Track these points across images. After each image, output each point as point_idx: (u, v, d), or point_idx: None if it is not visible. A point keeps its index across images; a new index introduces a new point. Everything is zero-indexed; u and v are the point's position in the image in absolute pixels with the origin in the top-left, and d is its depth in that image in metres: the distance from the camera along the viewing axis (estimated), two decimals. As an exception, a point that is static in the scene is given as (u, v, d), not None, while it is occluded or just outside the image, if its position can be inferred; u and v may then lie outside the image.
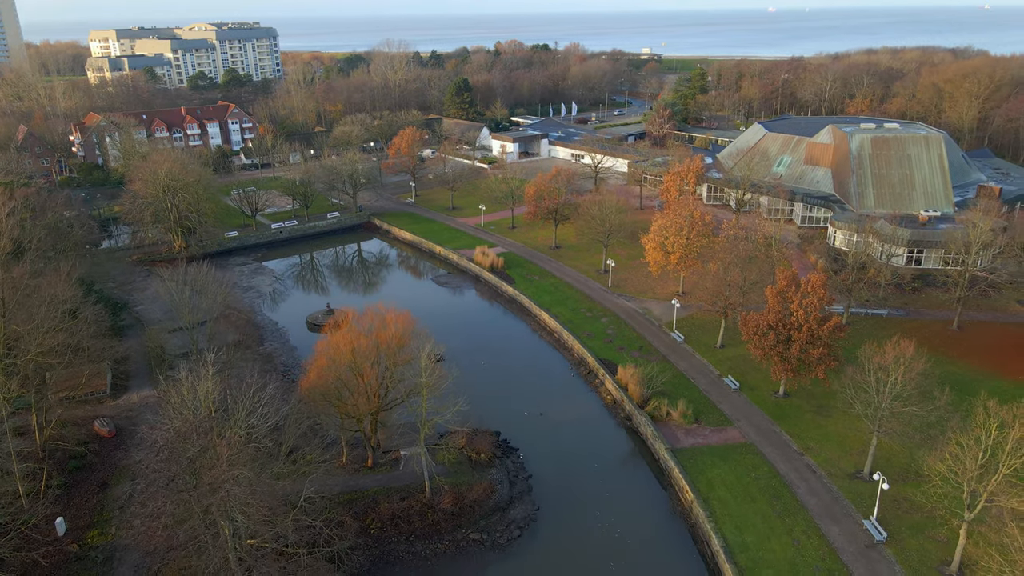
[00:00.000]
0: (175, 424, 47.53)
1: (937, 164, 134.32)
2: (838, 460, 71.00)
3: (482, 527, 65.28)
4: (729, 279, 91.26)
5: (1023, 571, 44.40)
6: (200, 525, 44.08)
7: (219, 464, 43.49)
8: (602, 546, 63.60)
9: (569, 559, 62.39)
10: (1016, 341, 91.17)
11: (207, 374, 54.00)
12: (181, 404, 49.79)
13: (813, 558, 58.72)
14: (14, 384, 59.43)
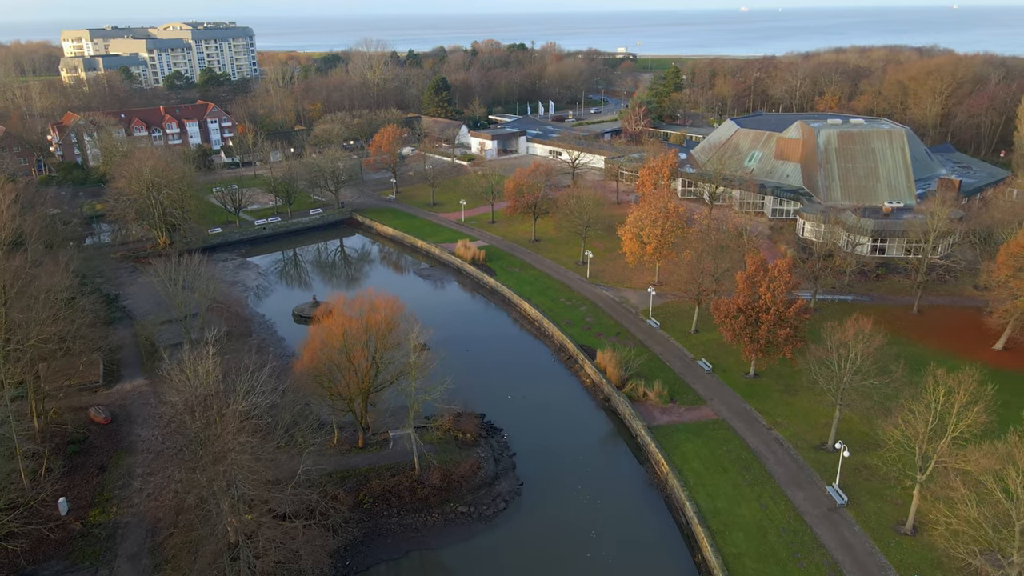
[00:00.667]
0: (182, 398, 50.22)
1: (900, 158, 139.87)
2: (804, 433, 75.32)
3: (469, 501, 68.66)
4: (702, 267, 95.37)
5: (964, 519, 48.67)
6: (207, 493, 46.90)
7: (225, 434, 46.41)
8: (583, 516, 67.27)
9: (552, 529, 65.94)
10: (971, 323, 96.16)
11: (208, 354, 56.83)
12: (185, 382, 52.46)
13: (779, 521, 62.85)
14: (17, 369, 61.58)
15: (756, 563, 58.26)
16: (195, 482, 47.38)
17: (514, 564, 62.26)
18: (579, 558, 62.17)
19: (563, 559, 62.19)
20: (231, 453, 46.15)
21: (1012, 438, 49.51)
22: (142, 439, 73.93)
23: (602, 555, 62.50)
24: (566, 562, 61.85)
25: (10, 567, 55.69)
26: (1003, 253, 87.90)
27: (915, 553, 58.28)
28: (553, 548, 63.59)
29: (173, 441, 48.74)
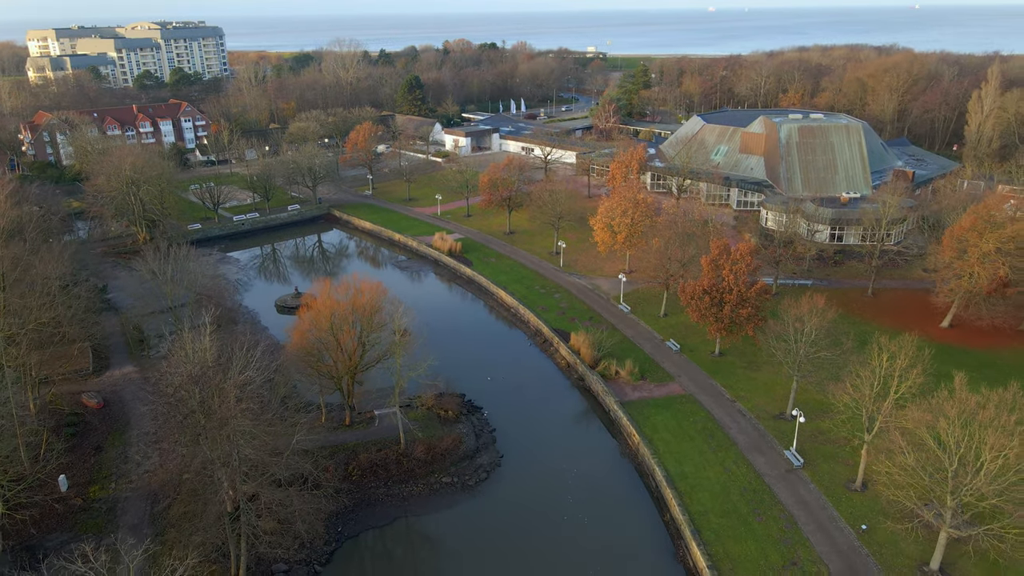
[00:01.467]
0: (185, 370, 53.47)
1: (857, 151, 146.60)
2: (765, 405, 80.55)
3: (452, 472, 72.70)
4: (670, 254, 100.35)
5: (903, 467, 53.85)
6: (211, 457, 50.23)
7: (227, 401, 49.83)
8: (560, 484, 71.65)
9: (531, 496, 70.24)
10: (920, 303, 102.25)
11: (205, 332, 60.08)
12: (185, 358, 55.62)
13: (741, 482, 67.83)
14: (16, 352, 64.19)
15: (720, 519, 63.11)
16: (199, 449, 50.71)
17: (495, 528, 66.42)
18: (556, 521, 66.50)
19: (541, 523, 66.48)
20: (233, 420, 49.61)
21: (943, 393, 54.85)
22: (136, 420, 77.12)
23: (578, 518, 66.93)
24: (544, 525, 66.14)
25: (21, 535, 58.56)
26: (947, 237, 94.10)
27: (863, 506, 63.58)
28: (532, 513, 67.86)
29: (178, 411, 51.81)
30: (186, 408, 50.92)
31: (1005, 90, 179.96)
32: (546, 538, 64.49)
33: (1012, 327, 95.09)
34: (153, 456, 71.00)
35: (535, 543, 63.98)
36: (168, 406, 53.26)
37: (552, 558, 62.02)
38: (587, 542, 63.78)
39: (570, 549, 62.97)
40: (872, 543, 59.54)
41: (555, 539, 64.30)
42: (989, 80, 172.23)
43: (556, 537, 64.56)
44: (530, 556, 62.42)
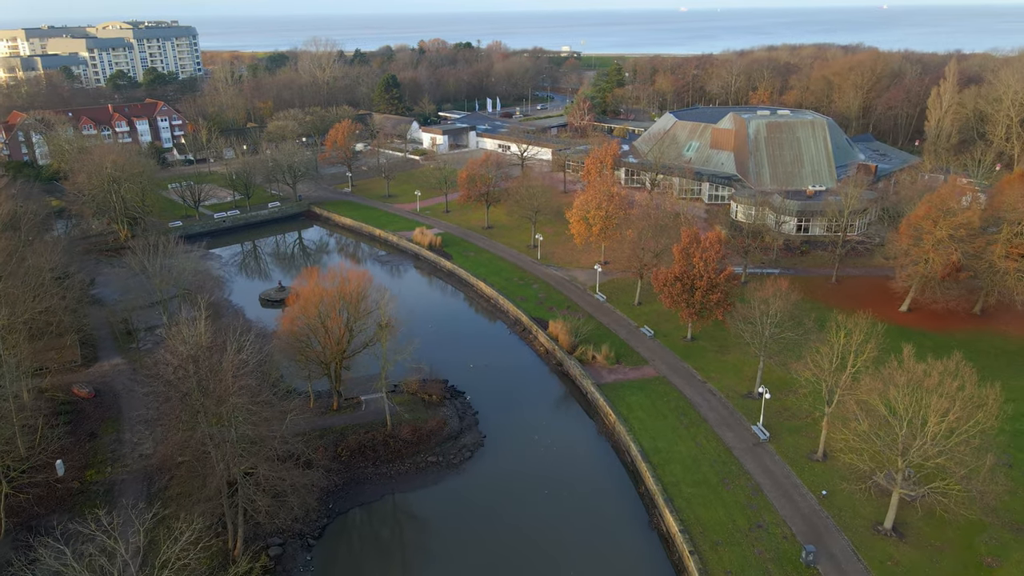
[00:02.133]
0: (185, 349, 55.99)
1: (822, 145, 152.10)
2: (734, 385, 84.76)
3: (437, 452, 75.93)
4: (643, 245, 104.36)
5: (857, 432, 58.14)
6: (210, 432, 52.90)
7: (226, 378, 52.51)
8: (540, 461, 75.24)
9: (513, 472, 73.71)
10: (881, 289, 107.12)
11: (200, 317, 62.63)
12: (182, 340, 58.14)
13: (711, 455, 71.86)
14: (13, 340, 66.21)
15: (691, 488, 67.04)
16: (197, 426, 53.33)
17: (480, 503, 69.68)
18: (538, 495, 70.02)
19: (523, 497, 69.97)
20: (231, 398, 52.33)
21: (893, 364, 59.24)
22: (129, 408, 79.35)
23: (558, 491, 70.50)
24: (526, 499, 69.63)
25: (26, 514, 60.79)
26: (904, 225, 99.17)
27: (824, 474, 67.89)
28: (514, 488, 71.32)
29: (177, 390, 54.32)
30: (185, 387, 53.52)
31: (963, 87, 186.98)
32: (528, 511, 67.96)
33: (966, 310, 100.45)
34: (147, 441, 73.34)
35: (517, 516, 67.42)
36: (167, 385, 55.77)
37: (534, 530, 65.48)
38: (567, 514, 67.35)
39: (551, 521, 66.48)
40: (831, 506, 63.80)
41: (536, 512, 67.79)
42: (947, 77, 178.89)
43: (537, 510, 68.04)
44: (513, 528, 65.84)
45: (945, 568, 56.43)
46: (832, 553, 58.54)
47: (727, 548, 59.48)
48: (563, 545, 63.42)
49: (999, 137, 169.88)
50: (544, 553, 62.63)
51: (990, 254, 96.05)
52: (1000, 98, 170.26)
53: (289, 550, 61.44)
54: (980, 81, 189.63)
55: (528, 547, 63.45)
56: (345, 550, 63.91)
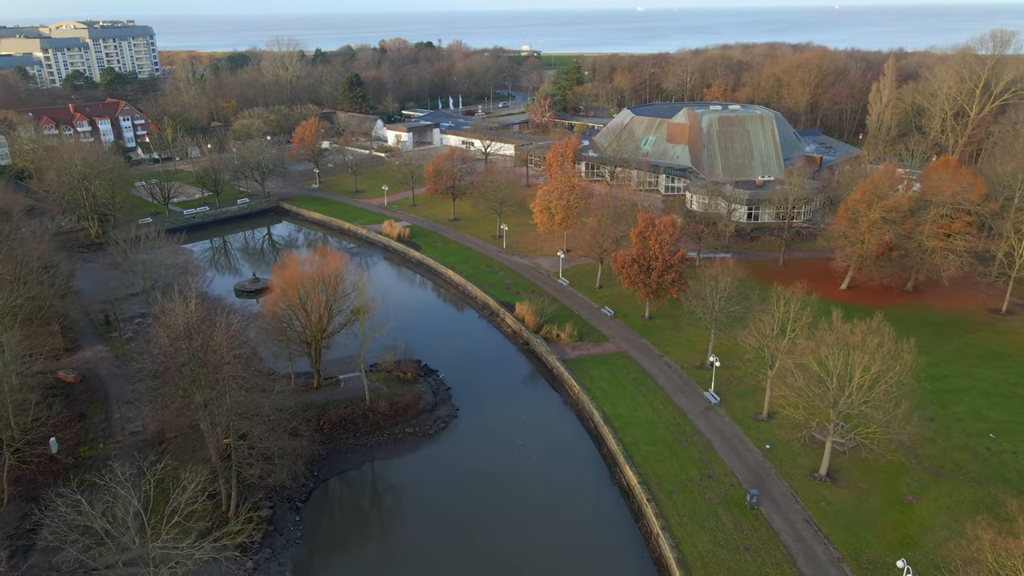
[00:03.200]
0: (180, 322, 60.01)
1: (770, 138, 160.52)
2: (688, 357, 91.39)
3: (414, 424, 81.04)
4: (603, 231, 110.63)
5: (792, 388, 64.96)
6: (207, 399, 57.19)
7: (220, 349, 56.84)
8: (510, 430, 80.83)
9: (485, 441, 79.23)
10: (824, 270, 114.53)
11: (192, 296, 66.70)
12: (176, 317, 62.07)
13: (667, 419, 78.23)
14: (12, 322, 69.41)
15: (649, 447, 73.27)
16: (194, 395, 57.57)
17: (454, 469, 74.91)
18: (508, 460, 75.61)
19: (495, 461, 75.51)
20: (226, 366, 56.72)
21: (823, 325, 66.22)
22: (115, 391, 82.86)
23: (527, 456, 76.20)
24: (497, 463, 75.17)
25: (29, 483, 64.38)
26: (842, 209, 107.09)
27: (768, 432, 74.70)
28: (486, 455, 76.83)
29: (174, 360, 58.39)
30: (181, 359, 57.71)
31: (902, 83, 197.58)
32: (500, 474, 73.48)
33: (899, 287, 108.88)
34: (136, 420, 77.13)
35: (490, 479, 72.87)
36: (165, 357, 59.79)
37: (505, 490, 71.03)
38: (536, 476, 73.07)
39: (521, 482, 72.10)
40: (774, 458, 70.57)
41: (508, 474, 73.34)
42: (886, 74, 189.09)
43: (508, 473, 73.61)
44: (487, 489, 71.25)
45: (871, 505, 63.49)
46: (773, 497, 65.23)
47: (681, 495, 65.78)
48: (533, 502, 69.07)
49: (935, 130, 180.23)
50: (515, 509, 68.22)
51: (919, 234, 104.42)
52: (935, 93, 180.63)
53: (279, 512, 66.01)
54: (918, 77, 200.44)
55: (500, 505, 68.95)
56: (330, 512, 68.75)
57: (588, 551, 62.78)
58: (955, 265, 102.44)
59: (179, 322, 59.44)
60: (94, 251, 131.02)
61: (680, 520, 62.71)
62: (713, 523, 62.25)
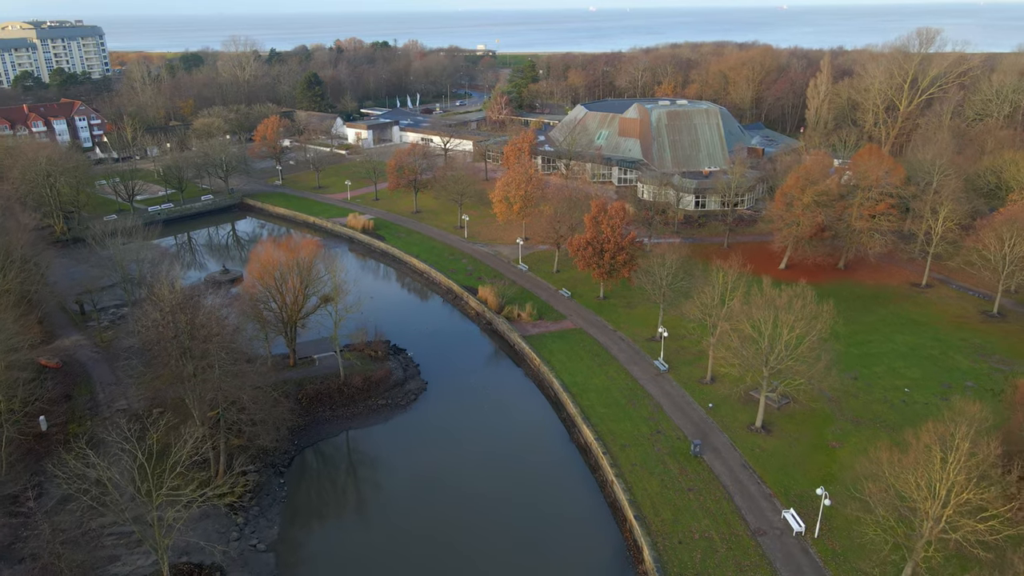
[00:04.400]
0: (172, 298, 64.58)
1: (716, 131, 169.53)
2: (640, 332, 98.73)
3: (386, 396, 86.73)
4: (559, 219, 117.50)
5: (728, 348, 72.54)
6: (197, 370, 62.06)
7: (210, 322, 61.69)
8: (476, 400, 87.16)
9: (452, 410, 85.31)
10: (764, 251, 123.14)
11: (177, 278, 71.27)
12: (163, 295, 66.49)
13: (620, 385, 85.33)
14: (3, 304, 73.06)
15: (604, 408, 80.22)
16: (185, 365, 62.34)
17: (425, 436, 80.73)
18: (475, 426, 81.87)
19: (463, 427, 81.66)
20: (214, 338, 61.65)
21: (755, 293, 74.00)
22: (98, 375, 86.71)
23: (493, 422, 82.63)
24: (465, 429, 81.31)
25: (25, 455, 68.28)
26: (779, 194, 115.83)
27: (711, 393, 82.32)
28: (454, 422, 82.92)
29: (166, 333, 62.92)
30: (171, 332, 62.40)
31: (839, 79, 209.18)
32: (467, 439, 79.64)
33: (832, 265, 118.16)
34: (120, 400, 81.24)
35: (458, 443, 78.95)
36: (156, 331, 64.28)
37: (473, 451, 77.23)
38: (501, 439, 79.49)
39: (487, 444, 78.42)
40: (716, 416, 78.13)
41: (474, 439, 79.57)
42: (822, 70, 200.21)
43: (475, 437, 79.85)
44: (455, 453, 77.27)
45: (799, 450, 71.41)
46: (715, 447, 72.69)
47: (633, 449, 72.82)
48: (499, 462, 75.41)
49: (869, 123, 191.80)
50: (482, 469, 74.41)
51: (848, 216, 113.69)
52: (868, 88, 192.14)
53: (264, 476, 71.14)
54: (853, 74, 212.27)
55: (469, 466, 75.02)
56: (311, 475, 74.18)
57: (550, 500, 69.32)
58: (880, 244, 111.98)
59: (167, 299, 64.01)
60: (60, 248, 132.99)
61: (632, 469, 69.71)
62: (661, 470, 69.41)
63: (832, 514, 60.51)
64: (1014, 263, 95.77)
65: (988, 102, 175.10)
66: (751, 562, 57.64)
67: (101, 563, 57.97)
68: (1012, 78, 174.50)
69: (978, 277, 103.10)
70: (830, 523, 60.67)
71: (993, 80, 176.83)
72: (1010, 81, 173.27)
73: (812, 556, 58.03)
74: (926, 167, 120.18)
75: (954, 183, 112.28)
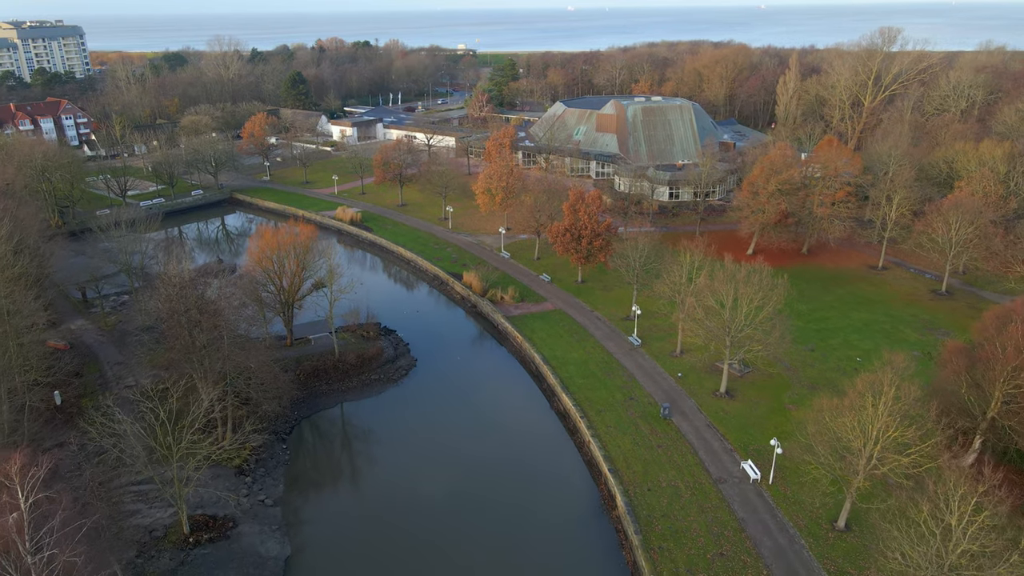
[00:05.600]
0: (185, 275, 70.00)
1: (689, 126, 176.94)
2: (615, 312, 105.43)
3: (379, 372, 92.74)
4: (539, 208, 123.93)
5: (693, 318, 79.39)
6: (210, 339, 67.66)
7: (220, 297, 67.24)
8: (463, 375, 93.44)
9: (441, 383, 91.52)
10: (733, 238, 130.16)
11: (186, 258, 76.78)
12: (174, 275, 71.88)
13: (597, 358, 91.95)
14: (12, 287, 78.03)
15: (582, 379, 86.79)
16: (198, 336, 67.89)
17: (416, 406, 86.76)
18: (462, 397, 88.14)
19: (450, 399, 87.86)
20: (225, 311, 67.22)
21: (718, 268, 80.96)
22: (105, 355, 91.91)
23: (478, 393, 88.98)
24: (453, 400, 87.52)
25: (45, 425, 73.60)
26: (745, 183, 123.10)
27: (680, 363, 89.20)
28: (443, 394, 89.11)
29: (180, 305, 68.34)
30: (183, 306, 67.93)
31: (807, 76, 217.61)
32: (454, 408, 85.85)
33: (796, 250, 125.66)
34: (128, 377, 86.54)
35: (447, 413, 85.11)
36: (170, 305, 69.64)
37: (460, 419, 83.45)
38: (486, 407, 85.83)
39: (473, 413, 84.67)
40: (684, 384, 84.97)
41: (461, 408, 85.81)
42: (791, 68, 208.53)
43: (462, 407, 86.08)
44: (444, 422, 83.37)
45: (759, 412, 78.38)
46: (683, 410, 79.50)
47: (608, 413, 79.43)
48: (484, 428, 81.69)
49: (836, 118, 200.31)
50: (469, 435, 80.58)
51: (810, 204, 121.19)
52: (835, 85, 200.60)
53: (268, 443, 76.83)
54: (820, 71, 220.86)
55: (456, 433, 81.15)
56: (311, 441, 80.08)
57: (533, 460, 75.78)
58: (840, 229, 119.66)
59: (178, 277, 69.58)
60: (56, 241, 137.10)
61: (607, 430, 76.32)
62: (633, 431, 76.07)
63: (784, 463, 67.48)
64: (959, 245, 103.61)
65: (946, 98, 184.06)
66: (712, 504, 64.43)
67: (123, 516, 63.47)
68: (968, 75, 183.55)
69: (928, 259, 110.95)
70: (782, 472, 67.64)
71: (951, 77, 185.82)
72: (966, 78, 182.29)
73: (766, 498, 64.93)
74: (883, 158, 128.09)
75: (907, 172, 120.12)
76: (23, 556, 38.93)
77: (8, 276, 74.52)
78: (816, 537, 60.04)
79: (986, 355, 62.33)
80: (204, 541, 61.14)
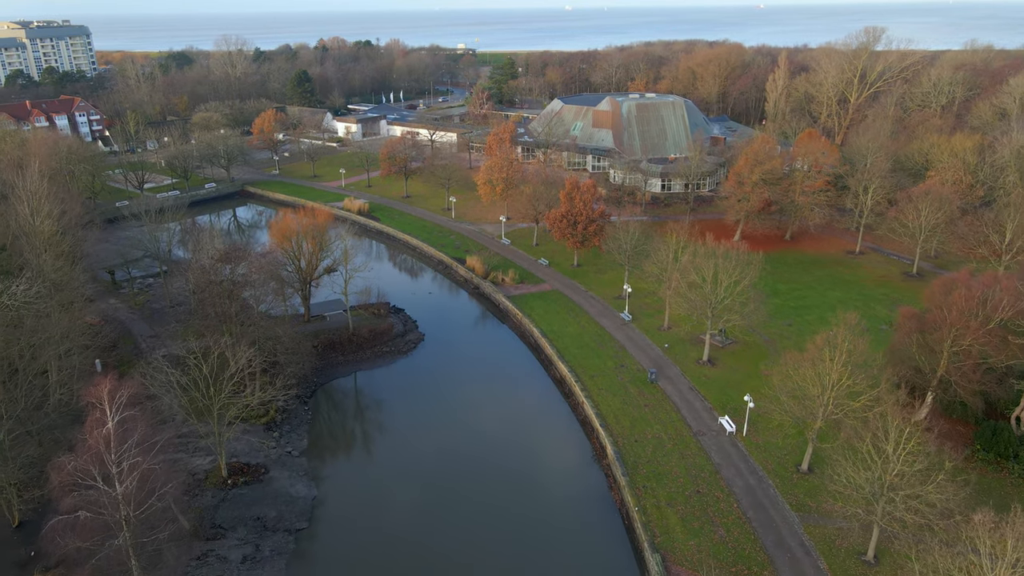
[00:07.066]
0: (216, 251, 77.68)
1: (681, 121, 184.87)
2: (609, 292, 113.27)
3: (390, 345, 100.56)
4: (538, 197, 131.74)
5: (678, 292, 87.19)
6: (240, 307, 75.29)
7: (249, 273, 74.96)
8: (467, 348, 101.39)
9: (447, 355, 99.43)
10: (721, 227, 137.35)
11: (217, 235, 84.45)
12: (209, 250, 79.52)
13: (591, 332, 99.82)
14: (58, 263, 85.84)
15: (576, 350, 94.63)
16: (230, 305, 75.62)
17: (424, 374, 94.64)
18: (466, 367, 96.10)
19: (455, 368, 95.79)
20: (255, 282, 74.96)
21: (700, 245, 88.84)
22: (137, 330, 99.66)
23: (481, 364, 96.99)
24: (457, 370, 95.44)
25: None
26: (731, 173, 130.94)
27: (668, 337, 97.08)
28: (448, 364, 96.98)
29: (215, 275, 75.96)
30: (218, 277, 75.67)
31: (797, 74, 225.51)
32: (460, 377, 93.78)
33: (780, 236, 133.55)
34: (161, 348, 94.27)
35: (453, 380, 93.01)
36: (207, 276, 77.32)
37: (464, 386, 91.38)
38: (489, 376, 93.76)
39: (476, 381, 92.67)
40: (671, 353, 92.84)
41: (466, 377, 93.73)
42: (780, 66, 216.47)
43: (467, 375, 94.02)
44: (450, 388, 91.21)
45: (737, 377, 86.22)
46: (668, 376, 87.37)
47: (600, 378, 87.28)
48: (487, 393, 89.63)
49: (823, 115, 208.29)
50: (473, 400, 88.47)
51: (792, 193, 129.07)
52: (822, 83, 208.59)
53: (291, 405, 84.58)
54: (809, 69, 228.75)
55: (462, 398, 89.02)
56: (330, 403, 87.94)
57: (531, 419, 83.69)
58: (820, 216, 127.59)
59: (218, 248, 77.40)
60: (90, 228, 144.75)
61: (599, 392, 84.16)
62: (623, 393, 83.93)
63: (757, 418, 75.36)
64: (928, 230, 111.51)
65: (927, 94, 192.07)
66: (691, 452, 72.31)
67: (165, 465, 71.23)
68: (948, 72, 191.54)
69: (901, 243, 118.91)
70: (755, 425, 75.53)
71: (932, 74, 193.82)
72: (946, 75, 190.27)
73: (739, 448, 72.81)
74: (863, 150, 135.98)
75: (883, 163, 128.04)
76: (108, 465, 46.60)
77: (56, 252, 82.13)
78: (782, 478, 67.95)
79: (933, 319, 70.16)
80: (240, 483, 68.97)
